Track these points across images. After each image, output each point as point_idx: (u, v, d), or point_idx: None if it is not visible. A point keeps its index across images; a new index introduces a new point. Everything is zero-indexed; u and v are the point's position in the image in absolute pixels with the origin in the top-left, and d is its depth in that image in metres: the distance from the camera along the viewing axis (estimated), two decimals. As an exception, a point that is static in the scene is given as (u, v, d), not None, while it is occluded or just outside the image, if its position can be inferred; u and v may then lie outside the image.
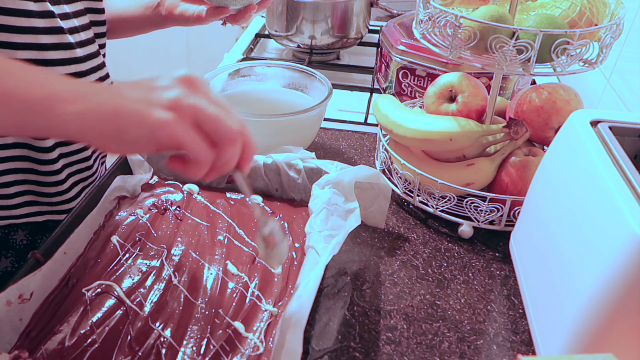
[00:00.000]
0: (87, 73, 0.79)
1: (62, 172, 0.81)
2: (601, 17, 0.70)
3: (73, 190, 0.84)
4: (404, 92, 1.01)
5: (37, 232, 0.84)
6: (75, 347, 0.50)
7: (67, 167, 0.82)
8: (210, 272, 0.60)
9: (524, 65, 0.66)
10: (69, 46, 0.76)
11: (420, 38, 0.74)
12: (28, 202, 0.81)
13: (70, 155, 0.81)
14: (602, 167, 0.50)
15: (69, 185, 0.83)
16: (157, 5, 0.86)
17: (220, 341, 0.52)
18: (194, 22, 0.82)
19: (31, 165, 0.78)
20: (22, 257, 0.84)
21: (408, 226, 0.77)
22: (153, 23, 0.88)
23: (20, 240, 0.83)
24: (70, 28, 0.76)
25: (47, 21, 0.72)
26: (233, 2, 0.77)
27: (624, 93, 0.91)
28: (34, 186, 0.80)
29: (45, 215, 0.83)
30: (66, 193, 0.82)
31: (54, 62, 0.75)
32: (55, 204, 0.83)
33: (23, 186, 0.79)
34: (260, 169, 0.72)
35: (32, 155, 0.77)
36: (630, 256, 0.43)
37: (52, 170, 0.79)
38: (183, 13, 0.82)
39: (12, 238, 0.82)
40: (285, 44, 1.24)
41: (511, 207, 0.71)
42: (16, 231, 0.82)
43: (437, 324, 0.62)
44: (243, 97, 0.91)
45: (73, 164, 0.83)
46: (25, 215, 0.82)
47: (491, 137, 0.74)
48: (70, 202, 0.84)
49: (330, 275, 0.67)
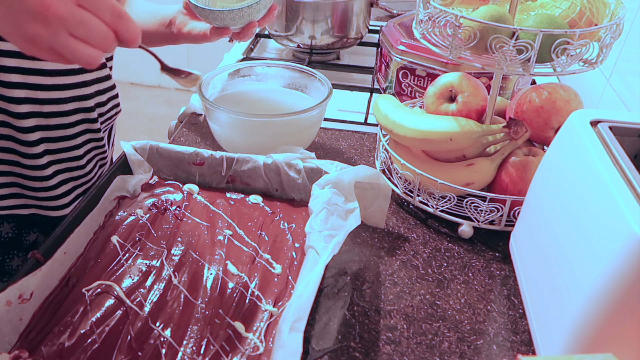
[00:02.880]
0: (80, 72, 0.79)
1: (48, 168, 0.81)
2: (601, 17, 0.70)
3: (61, 187, 0.84)
4: (404, 92, 1.01)
5: (23, 225, 0.85)
6: (75, 347, 0.50)
7: (54, 164, 0.82)
8: (210, 272, 0.60)
9: (524, 65, 0.66)
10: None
11: (420, 38, 0.74)
12: (14, 194, 0.82)
13: (58, 152, 0.82)
14: (602, 167, 0.50)
15: (56, 182, 0.83)
16: (169, 23, 0.87)
17: (220, 341, 0.52)
18: (201, 40, 0.82)
19: (16, 158, 0.79)
20: (8, 249, 0.85)
21: (408, 226, 0.77)
22: (166, 39, 0.89)
23: (6, 233, 0.84)
24: None
25: None
26: (232, 22, 0.77)
27: (624, 93, 0.91)
28: (19, 179, 0.81)
29: (31, 208, 0.84)
30: (53, 190, 0.83)
31: (52, 72, 0.75)
32: (42, 199, 0.83)
33: (8, 178, 0.80)
34: (260, 169, 0.72)
35: (16, 148, 0.78)
36: (630, 256, 0.43)
37: (36, 165, 0.80)
38: (190, 31, 0.83)
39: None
40: (285, 44, 1.24)
41: (511, 207, 0.71)
42: (2, 224, 0.83)
43: (437, 324, 0.62)
44: (243, 97, 0.91)
45: (61, 161, 0.83)
46: (11, 207, 0.82)
47: (491, 137, 0.74)
48: (58, 199, 0.84)
49: (330, 275, 0.67)
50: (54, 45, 0.48)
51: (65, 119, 0.80)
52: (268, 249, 0.64)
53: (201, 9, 0.77)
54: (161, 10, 0.89)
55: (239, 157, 0.72)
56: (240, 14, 0.76)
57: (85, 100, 0.81)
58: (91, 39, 0.49)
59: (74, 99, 0.80)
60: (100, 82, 0.84)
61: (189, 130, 0.97)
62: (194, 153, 0.73)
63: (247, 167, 0.72)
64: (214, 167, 0.73)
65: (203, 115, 0.99)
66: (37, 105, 0.77)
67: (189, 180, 0.74)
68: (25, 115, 0.76)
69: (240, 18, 0.77)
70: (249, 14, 0.77)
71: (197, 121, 1.00)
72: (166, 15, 0.87)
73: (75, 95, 0.80)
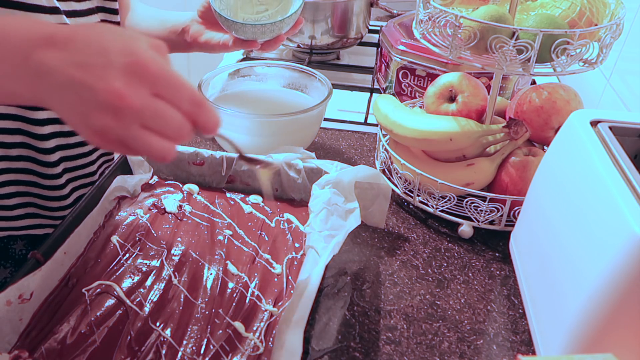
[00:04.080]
0: None
1: (66, 187, 0.81)
2: (601, 17, 0.70)
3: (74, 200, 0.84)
4: (404, 92, 1.01)
5: (36, 242, 0.84)
6: (75, 347, 0.50)
7: (71, 182, 0.82)
8: (210, 272, 0.60)
9: (524, 65, 0.66)
10: None
11: (420, 38, 0.74)
12: (29, 215, 0.81)
13: (74, 170, 0.81)
14: (602, 167, 0.50)
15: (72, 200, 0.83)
16: (181, 31, 0.84)
17: (220, 341, 0.52)
18: (220, 49, 0.80)
19: (34, 179, 0.77)
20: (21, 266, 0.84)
21: (408, 226, 0.77)
22: (177, 47, 0.86)
23: (20, 250, 0.83)
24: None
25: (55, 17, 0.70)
26: (262, 35, 0.75)
27: (624, 93, 0.91)
28: (36, 199, 0.80)
29: (45, 228, 0.83)
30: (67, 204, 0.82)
31: None
32: (57, 218, 0.82)
33: (25, 198, 0.79)
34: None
35: (36, 169, 0.77)
36: (630, 256, 0.43)
37: (55, 185, 0.79)
38: (208, 41, 0.81)
39: (12, 248, 0.82)
40: (285, 43, 1.24)
41: (511, 207, 0.71)
42: (15, 241, 0.82)
43: (437, 324, 0.62)
44: (243, 97, 0.91)
45: (77, 178, 0.83)
46: (26, 227, 0.81)
47: (491, 137, 0.74)
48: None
49: (330, 275, 0.67)
50: (123, 138, 0.41)
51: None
52: (268, 249, 0.64)
53: (230, 21, 0.74)
54: (171, 17, 0.87)
55: (239, 157, 0.72)
56: (270, 29, 0.74)
57: None
58: (166, 131, 0.42)
59: None
60: None
61: (189, 130, 0.97)
62: (194, 153, 0.73)
63: (247, 167, 0.72)
64: (214, 167, 0.73)
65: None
66: (58, 125, 0.75)
67: (189, 180, 0.74)
68: (48, 137, 0.75)
69: (269, 32, 0.75)
70: (279, 28, 0.75)
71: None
72: (177, 23, 0.85)
73: None
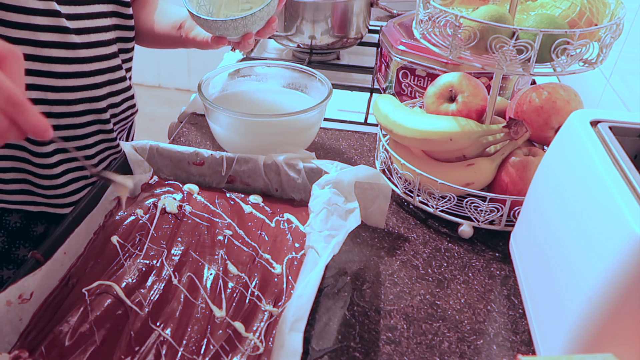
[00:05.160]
0: (91, 74, 0.80)
1: (58, 166, 0.82)
2: (601, 17, 0.70)
3: (70, 185, 0.85)
4: (404, 92, 1.01)
5: (31, 217, 0.86)
6: (75, 347, 0.50)
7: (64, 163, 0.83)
8: (210, 272, 0.60)
9: (524, 65, 0.66)
10: (72, 45, 0.77)
11: (420, 38, 0.74)
12: (24, 191, 0.83)
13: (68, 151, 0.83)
14: (602, 167, 0.50)
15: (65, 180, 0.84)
16: (179, 27, 0.87)
17: (220, 341, 0.52)
18: (204, 46, 0.82)
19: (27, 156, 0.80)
20: (14, 238, 0.86)
21: (408, 226, 0.77)
22: (177, 42, 0.89)
23: (14, 222, 0.85)
24: (79, 29, 0.77)
25: (51, 20, 0.73)
26: (229, 32, 0.76)
27: (624, 93, 0.91)
28: (30, 176, 0.82)
29: (40, 206, 0.85)
30: (62, 187, 0.84)
31: (53, 60, 0.76)
32: (51, 197, 0.85)
33: (20, 174, 0.81)
34: (260, 169, 0.72)
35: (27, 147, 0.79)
36: (630, 256, 0.43)
37: (47, 164, 0.81)
38: (195, 37, 0.83)
39: (6, 219, 0.85)
40: (285, 44, 1.24)
41: (511, 207, 0.71)
42: (10, 214, 0.84)
43: (437, 324, 0.62)
44: (243, 97, 0.91)
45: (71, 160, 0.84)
46: (20, 202, 0.84)
47: (491, 137, 0.74)
48: (67, 196, 0.86)
49: (330, 275, 0.67)
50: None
51: (76, 119, 0.81)
52: (268, 249, 0.64)
53: (199, 18, 0.76)
54: (176, 12, 0.89)
55: (239, 157, 0.72)
56: (235, 25, 0.74)
57: (96, 101, 0.82)
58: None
59: (84, 101, 0.81)
60: (113, 84, 0.85)
61: (189, 130, 0.97)
62: (194, 153, 0.73)
63: (247, 167, 0.72)
64: (214, 167, 0.73)
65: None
66: (47, 106, 0.78)
67: (189, 180, 0.74)
68: None
69: (236, 29, 0.75)
70: (245, 25, 0.75)
71: (197, 121, 1.00)
72: (179, 18, 0.87)
73: (85, 97, 0.81)
